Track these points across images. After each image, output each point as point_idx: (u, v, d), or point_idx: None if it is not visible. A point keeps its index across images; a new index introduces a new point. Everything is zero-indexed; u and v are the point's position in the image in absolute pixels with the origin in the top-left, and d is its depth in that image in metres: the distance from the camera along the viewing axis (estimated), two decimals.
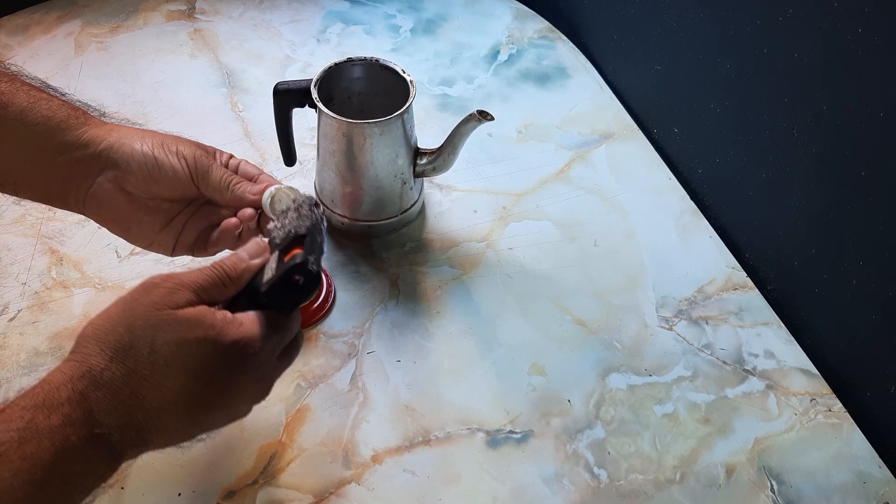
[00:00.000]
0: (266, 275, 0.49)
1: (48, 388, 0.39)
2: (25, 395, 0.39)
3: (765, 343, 0.72)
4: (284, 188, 0.58)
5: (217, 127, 0.90)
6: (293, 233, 0.52)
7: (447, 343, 0.70)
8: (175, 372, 0.42)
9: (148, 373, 0.41)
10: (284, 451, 0.61)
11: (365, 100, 0.77)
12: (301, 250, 0.49)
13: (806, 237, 0.72)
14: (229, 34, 1.03)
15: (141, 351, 0.41)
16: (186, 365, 0.42)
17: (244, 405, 0.48)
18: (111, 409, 0.40)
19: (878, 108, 0.60)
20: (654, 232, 0.82)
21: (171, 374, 0.42)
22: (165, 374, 0.41)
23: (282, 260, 0.49)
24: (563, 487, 0.61)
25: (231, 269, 0.47)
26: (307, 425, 0.64)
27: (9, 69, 0.55)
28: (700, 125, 0.85)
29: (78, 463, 0.38)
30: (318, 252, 0.50)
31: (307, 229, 0.52)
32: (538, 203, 0.84)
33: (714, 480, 0.62)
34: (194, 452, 0.61)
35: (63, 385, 0.40)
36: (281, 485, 0.60)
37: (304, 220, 0.53)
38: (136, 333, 0.41)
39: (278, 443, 0.62)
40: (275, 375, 0.49)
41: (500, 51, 1.03)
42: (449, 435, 0.64)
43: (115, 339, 0.41)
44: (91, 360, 0.41)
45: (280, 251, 0.51)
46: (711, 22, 0.79)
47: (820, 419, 0.67)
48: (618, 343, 0.71)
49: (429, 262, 0.77)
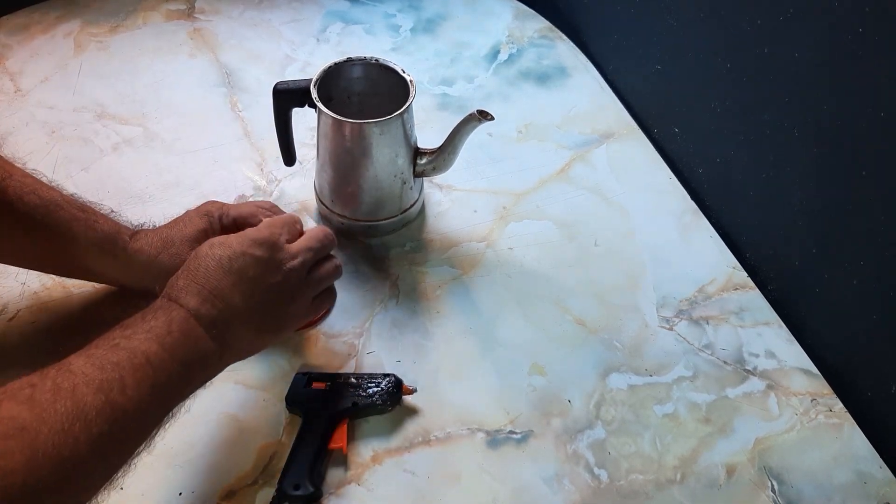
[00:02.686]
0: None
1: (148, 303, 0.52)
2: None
3: (765, 343, 0.72)
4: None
5: (216, 127, 0.90)
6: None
7: (447, 343, 0.70)
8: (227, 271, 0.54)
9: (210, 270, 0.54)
10: (284, 451, 0.61)
11: (365, 99, 0.77)
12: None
13: (806, 237, 0.72)
14: (229, 34, 1.03)
15: (208, 263, 0.54)
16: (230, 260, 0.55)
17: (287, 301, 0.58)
18: (192, 295, 0.52)
19: (878, 108, 0.60)
20: (654, 232, 0.82)
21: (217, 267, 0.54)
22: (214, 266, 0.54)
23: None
24: (563, 488, 0.61)
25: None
26: None
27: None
28: (700, 125, 0.85)
29: (183, 327, 0.50)
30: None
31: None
32: (538, 203, 0.84)
33: (714, 481, 0.62)
34: (194, 452, 0.61)
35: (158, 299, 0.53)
36: None
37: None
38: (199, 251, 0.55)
39: (278, 443, 0.62)
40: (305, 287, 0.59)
41: (500, 50, 1.03)
42: (449, 435, 0.64)
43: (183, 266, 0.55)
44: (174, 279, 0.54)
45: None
46: (712, 21, 0.79)
47: (820, 419, 0.67)
48: (618, 343, 0.71)
49: (429, 262, 0.77)
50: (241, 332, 0.54)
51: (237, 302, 0.53)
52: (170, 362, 0.48)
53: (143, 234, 0.66)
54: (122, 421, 0.44)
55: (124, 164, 0.84)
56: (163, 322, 0.50)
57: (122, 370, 0.45)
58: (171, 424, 0.49)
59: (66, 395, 0.42)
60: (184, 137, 0.88)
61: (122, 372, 0.45)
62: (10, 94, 0.91)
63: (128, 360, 0.46)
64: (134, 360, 0.46)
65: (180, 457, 0.60)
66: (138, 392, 0.45)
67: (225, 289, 0.53)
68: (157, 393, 0.47)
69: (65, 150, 0.85)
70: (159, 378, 0.47)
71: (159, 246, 0.65)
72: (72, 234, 0.62)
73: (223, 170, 0.85)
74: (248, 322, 0.54)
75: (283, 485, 0.58)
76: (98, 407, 0.43)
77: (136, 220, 0.68)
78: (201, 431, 0.62)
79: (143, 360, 0.47)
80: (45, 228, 0.61)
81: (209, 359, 0.52)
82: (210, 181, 0.83)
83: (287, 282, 0.57)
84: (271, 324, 0.57)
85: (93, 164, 0.84)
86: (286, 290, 0.57)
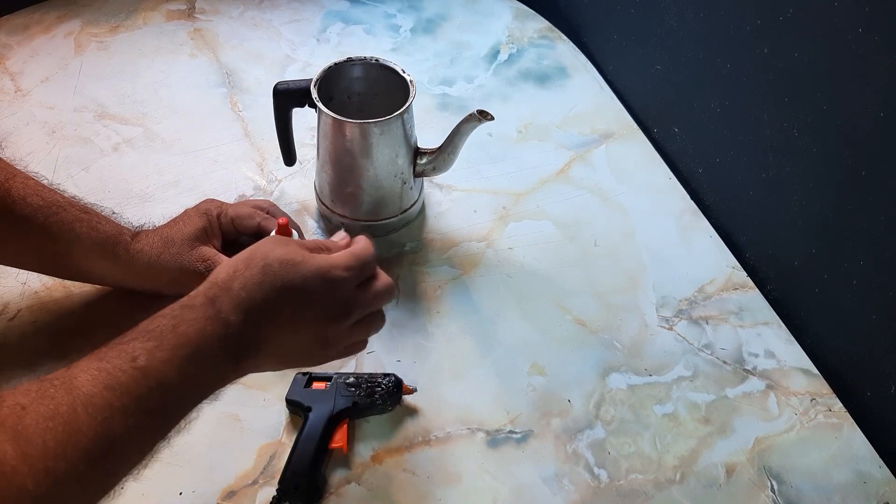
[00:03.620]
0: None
1: (186, 298, 0.48)
2: (169, 306, 0.47)
3: (765, 343, 0.72)
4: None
5: (217, 127, 0.90)
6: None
7: (447, 343, 0.70)
8: (271, 286, 0.50)
9: (256, 285, 0.49)
10: (284, 451, 0.61)
11: (365, 99, 0.77)
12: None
13: (806, 237, 0.72)
14: (229, 34, 1.03)
15: (254, 267, 0.50)
16: (283, 279, 0.50)
17: (330, 325, 0.52)
18: (233, 308, 0.48)
19: (878, 108, 0.60)
20: (654, 232, 0.82)
21: (270, 287, 0.49)
22: (268, 286, 0.50)
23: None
24: (563, 487, 0.61)
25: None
26: None
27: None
28: (700, 125, 0.85)
29: (214, 347, 0.46)
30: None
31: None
32: (538, 203, 0.84)
33: (714, 480, 0.62)
34: (194, 452, 0.61)
35: (198, 294, 0.49)
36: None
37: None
38: (253, 257, 0.51)
39: (278, 443, 0.62)
40: (353, 303, 0.53)
41: (500, 50, 1.03)
42: (449, 435, 0.64)
43: (232, 264, 0.51)
44: (218, 275, 0.50)
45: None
46: (712, 22, 0.79)
47: (820, 419, 0.67)
48: (618, 343, 0.71)
49: (429, 262, 0.77)
50: (285, 353, 0.52)
51: (287, 330, 0.50)
52: (185, 393, 0.46)
53: (144, 234, 0.66)
54: (118, 451, 0.42)
55: (124, 164, 0.84)
56: (194, 338, 0.46)
57: (129, 396, 0.42)
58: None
59: (60, 423, 0.40)
60: (184, 137, 0.88)
61: (129, 399, 0.42)
62: (10, 94, 0.91)
63: (137, 385, 0.43)
64: (145, 385, 0.43)
65: (180, 457, 0.61)
66: (140, 421, 0.43)
67: (279, 313, 0.50)
68: (160, 423, 0.45)
69: (65, 150, 0.85)
70: (169, 408, 0.45)
71: (160, 246, 0.65)
72: (75, 234, 0.61)
73: (223, 170, 0.85)
74: (295, 346, 0.52)
75: (283, 485, 0.58)
76: (93, 436, 0.40)
77: (137, 220, 0.68)
78: (201, 431, 0.62)
79: (156, 387, 0.44)
80: (47, 229, 0.61)
81: (226, 380, 0.49)
82: (210, 181, 0.83)
83: (349, 312, 0.53)
84: (319, 349, 0.54)
85: (93, 164, 0.84)
86: (349, 319, 0.53)
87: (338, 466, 0.61)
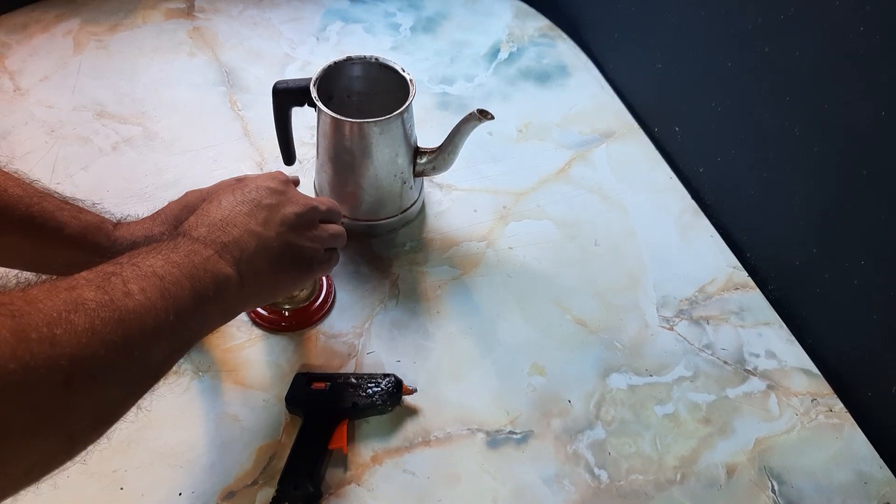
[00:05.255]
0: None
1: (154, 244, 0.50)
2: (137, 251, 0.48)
3: (766, 343, 0.72)
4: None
5: (216, 126, 0.90)
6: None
7: (447, 343, 0.70)
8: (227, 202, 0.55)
9: (215, 206, 0.54)
10: (284, 451, 0.61)
11: (365, 99, 0.77)
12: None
13: (807, 237, 0.72)
14: (229, 33, 1.03)
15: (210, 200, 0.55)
16: (233, 189, 0.56)
17: (291, 232, 0.56)
18: (204, 225, 0.51)
19: (878, 107, 0.60)
20: (654, 231, 0.81)
21: (227, 203, 0.54)
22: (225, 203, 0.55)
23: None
24: (563, 488, 0.61)
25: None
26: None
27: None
28: (701, 124, 0.85)
29: (201, 255, 0.48)
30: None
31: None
32: (538, 202, 0.84)
33: (715, 481, 0.62)
34: (194, 452, 0.61)
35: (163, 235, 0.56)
36: None
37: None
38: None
39: (278, 443, 0.62)
40: (300, 200, 0.59)
41: (500, 49, 1.03)
42: (449, 435, 0.64)
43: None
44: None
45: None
46: (712, 20, 0.79)
47: (821, 419, 0.67)
48: (618, 343, 0.71)
49: (429, 261, 0.77)
50: (259, 261, 0.53)
51: (253, 226, 0.53)
52: (178, 275, 0.46)
53: (126, 224, 0.65)
54: (127, 321, 0.41)
55: (124, 163, 0.84)
56: (168, 244, 0.48)
57: (125, 278, 0.43)
58: (172, 423, 0.48)
59: (63, 290, 0.40)
60: (183, 137, 0.88)
61: (126, 278, 0.43)
62: (9, 93, 0.91)
63: (132, 271, 0.44)
64: (139, 271, 0.44)
65: (180, 457, 0.60)
66: (145, 296, 0.43)
67: (239, 216, 0.53)
68: (168, 299, 0.44)
69: (64, 149, 0.85)
70: (168, 288, 0.45)
71: (141, 236, 0.64)
72: (57, 222, 0.61)
73: (223, 169, 0.84)
74: (265, 249, 0.53)
75: (283, 485, 0.58)
76: (99, 301, 0.40)
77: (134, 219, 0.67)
78: (201, 431, 0.62)
79: (149, 271, 0.44)
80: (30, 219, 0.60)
81: (226, 283, 0.50)
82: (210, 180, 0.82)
83: (304, 215, 0.57)
84: (288, 257, 0.56)
85: (92, 163, 0.84)
86: (303, 223, 0.57)
87: (338, 467, 0.61)
